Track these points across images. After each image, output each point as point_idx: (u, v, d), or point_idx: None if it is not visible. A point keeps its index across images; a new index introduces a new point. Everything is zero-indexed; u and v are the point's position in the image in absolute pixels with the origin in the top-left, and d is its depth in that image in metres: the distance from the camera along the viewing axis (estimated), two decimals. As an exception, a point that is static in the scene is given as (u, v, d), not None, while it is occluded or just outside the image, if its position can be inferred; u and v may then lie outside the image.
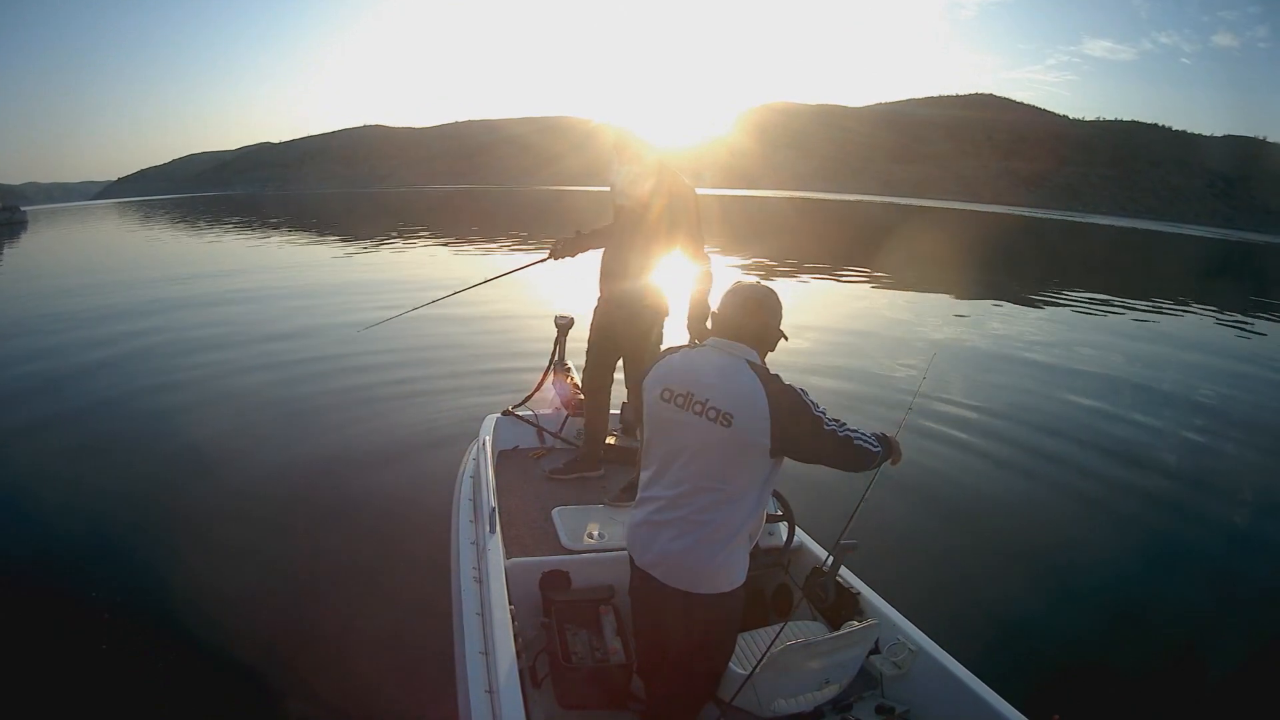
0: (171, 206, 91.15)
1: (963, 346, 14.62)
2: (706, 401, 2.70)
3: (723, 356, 2.79)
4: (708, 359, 2.81)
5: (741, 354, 2.78)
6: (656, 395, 2.84)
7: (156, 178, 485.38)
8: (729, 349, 2.80)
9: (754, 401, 2.64)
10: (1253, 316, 22.46)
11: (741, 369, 2.73)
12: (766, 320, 2.86)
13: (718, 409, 2.67)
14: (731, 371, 2.73)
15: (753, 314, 2.85)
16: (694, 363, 2.83)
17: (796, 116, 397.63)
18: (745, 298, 2.88)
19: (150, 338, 13.16)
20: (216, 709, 4.14)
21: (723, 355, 2.79)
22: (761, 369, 2.77)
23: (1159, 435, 9.63)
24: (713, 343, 2.87)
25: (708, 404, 2.70)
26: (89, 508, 6.47)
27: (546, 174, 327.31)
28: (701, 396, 2.72)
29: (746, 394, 2.66)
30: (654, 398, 2.85)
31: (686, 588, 2.75)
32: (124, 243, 40.36)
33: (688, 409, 2.74)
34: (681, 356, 2.90)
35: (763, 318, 2.85)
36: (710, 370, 2.76)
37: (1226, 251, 77.46)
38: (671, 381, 2.81)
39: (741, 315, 2.85)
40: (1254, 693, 4.62)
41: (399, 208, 79.11)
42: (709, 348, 2.87)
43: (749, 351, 2.79)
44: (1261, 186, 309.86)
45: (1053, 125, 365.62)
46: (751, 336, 2.83)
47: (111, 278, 22.70)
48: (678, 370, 2.83)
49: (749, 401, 2.65)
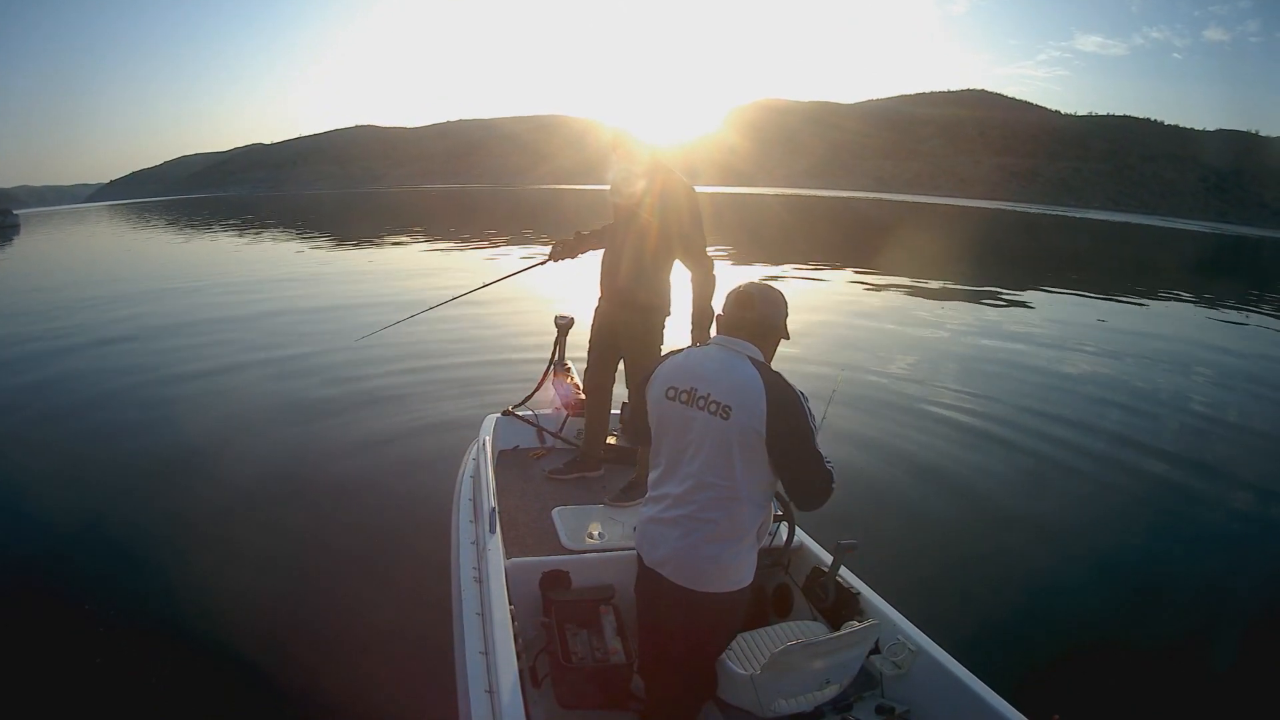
0: (165, 209, 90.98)
1: (960, 345, 14.66)
2: (708, 396, 2.72)
3: (724, 352, 2.81)
4: (709, 355, 2.84)
5: (742, 350, 2.80)
6: (661, 394, 2.86)
7: (149, 179, 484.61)
8: (730, 345, 2.82)
9: (751, 391, 2.66)
10: (1247, 309, 22.54)
11: (742, 363, 2.75)
12: (765, 314, 2.87)
13: (718, 402, 2.70)
14: (732, 366, 2.75)
15: (749, 308, 2.86)
16: (696, 360, 2.86)
17: (789, 113, 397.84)
18: (742, 293, 2.90)
19: (148, 339, 13.21)
20: (217, 709, 4.14)
21: (724, 351, 2.82)
22: (763, 365, 2.78)
23: (1158, 435, 9.60)
24: (715, 340, 2.91)
25: (709, 398, 2.72)
26: (89, 508, 6.47)
27: (540, 172, 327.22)
28: (703, 391, 2.74)
29: (744, 385, 2.68)
30: (658, 396, 2.87)
31: (694, 586, 2.77)
32: (119, 247, 40.12)
33: (691, 405, 2.76)
34: (684, 355, 2.94)
35: (761, 311, 2.86)
36: (712, 366, 2.79)
37: (1220, 245, 77.55)
38: (675, 380, 2.83)
39: (739, 310, 2.87)
40: (1254, 692, 4.61)
41: (394, 208, 79.00)
42: (712, 345, 2.90)
43: (750, 347, 2.81)
44: (1255, 181, 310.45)
45: (1045, 120, 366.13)
46: (751, 332, 2.84)
47: (108, 278, 22.67)
48: (681, 368, 2.86)
49: (746, 391, 2.67)
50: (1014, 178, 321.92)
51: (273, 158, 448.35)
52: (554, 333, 5.99)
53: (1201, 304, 22.84)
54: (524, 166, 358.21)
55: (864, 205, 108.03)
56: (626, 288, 4.76)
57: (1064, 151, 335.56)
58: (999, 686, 2.92)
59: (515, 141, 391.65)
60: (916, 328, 16.37)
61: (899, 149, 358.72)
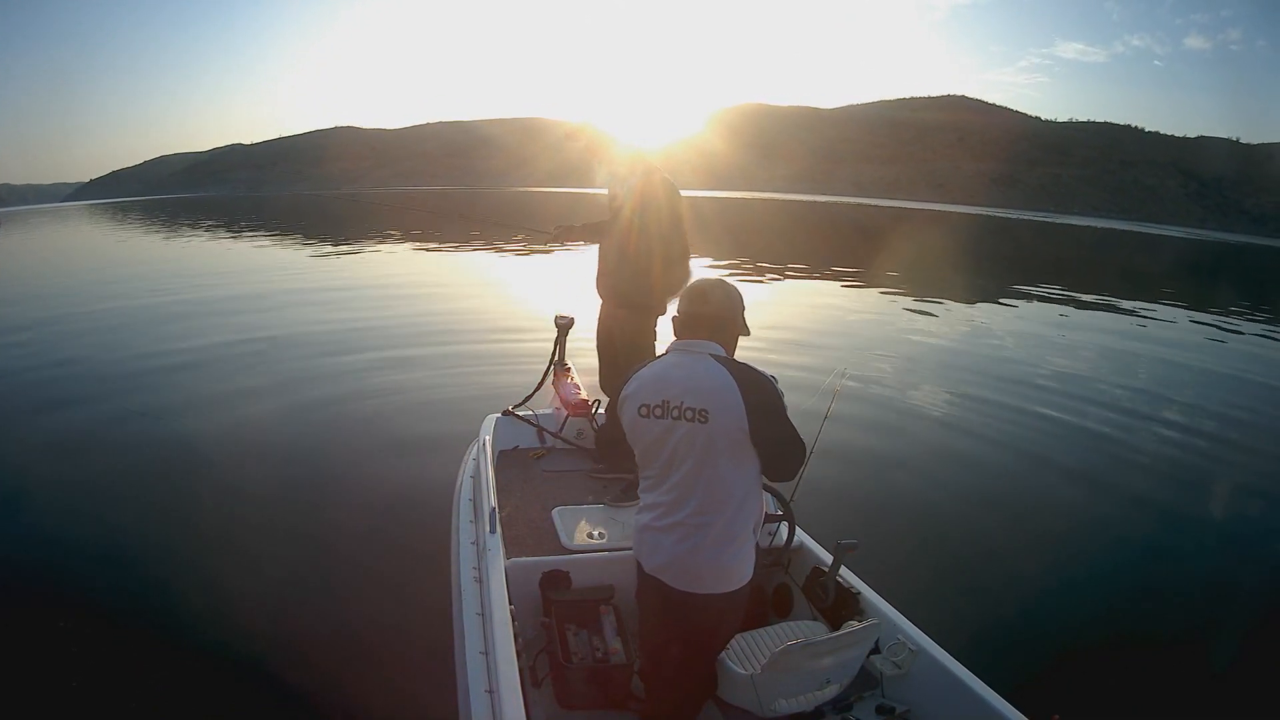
0: (145, 209, 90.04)
1: (960, 346, 14.75)
2: (681, 404, 2.72)
3: (685, 357, 2.82)
4: (673, 364, 2.84)
5: (703, 349, 2.81)
6: (634, 414, 2.85)
7: (129, 179, 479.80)
8: (689, 348, 2.84)
9: (723, 390, 2.67)
10: (1237, 315, 22.68)
11: (706, 364, 2.75)
12: (721, 308, 2.88)
13: (693, 408, 2.70)
14: (697, 369, 2.75)
15: (705, 303, 2.88)
16: (660, 372, 2.85)
17: (768, 118, 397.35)
18: (693, 291, 2.93)
19: (147, 339, 13.14)
20: (217, 709, 4.13)
21: (685, 355, 2.83)
22: (728, 360, 2.79)
23: (1158, 435, 9.69)
24: (675, 346, 2.90)
25: (683, 406, 2.72)
26: (89, 507, 6.50)
27: (520, 175, 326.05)
28: (675, 401, 2.74)
29: (716, 386, 2.69)
30: (632, 417, 2.86)
31: (696, 589, 2.78)
32: (104, 246, 39.67)
33: (666, 417, 2.76)
34: (648, 369, 2.91)
35: (717, 306, 2.88)
36: (678, 374, 2.78)
37: (1201, 251, 78.01)
38: (645, 397, 2.82)
39: (695, 306, 2.89)
40: (1254, 691, 4.65)
41: (377, 209, 78.55)
42: (671, 353, 2.90)
43: (711, 345, 2.82)
44: (1236, 188, 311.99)
45: (1025, 126, 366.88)
46: (710, 328, 2.85)
47: (107, 279, 22.42)
48: (648, 383, 2.84)
49: (720, 393, 2.68)
50: (994, 183, 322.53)
51: (253, 158, 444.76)
52: (554, 333, 6.00)
53: (1193, 309, 22.91)
54: (504, 169, 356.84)
55: (844, 210, 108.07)
56: (617, 286, 4.83)
57: (1044, 157, 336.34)
58: (999, 686, 2.94)
59: (496, 144, 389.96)
60: (915, 329, 16.46)
61: (879, 154, 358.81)
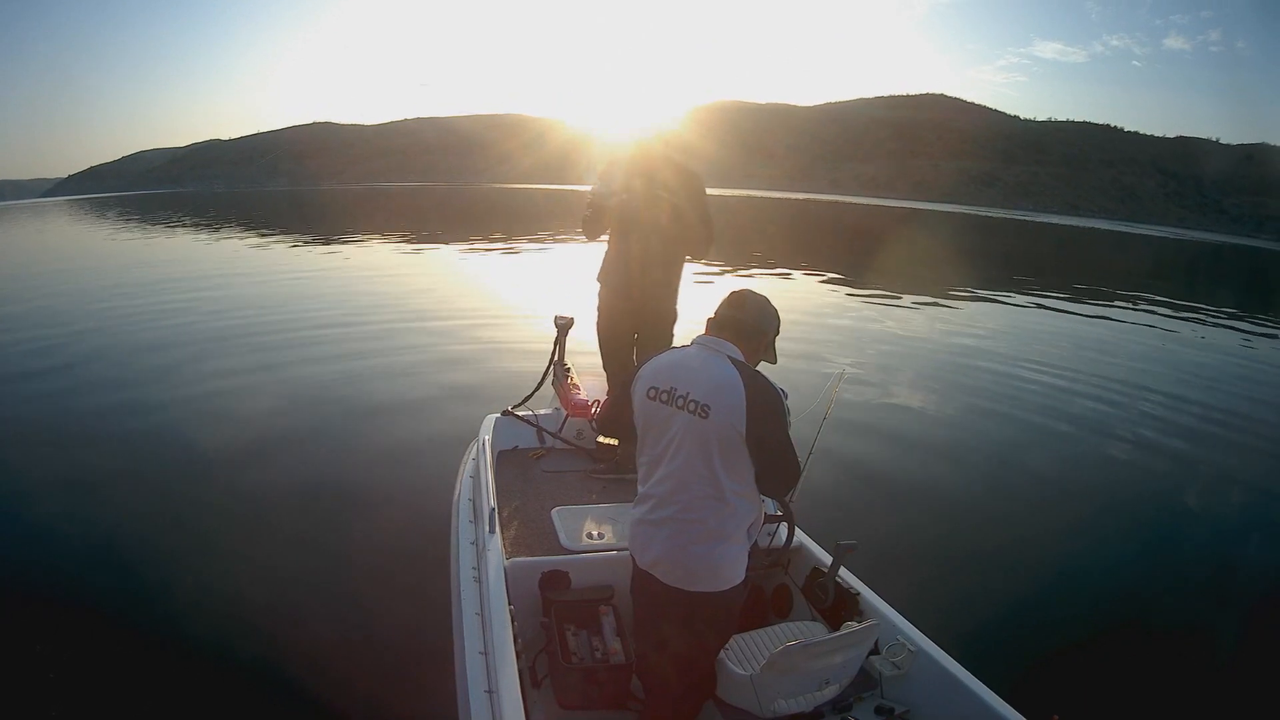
0: (125, 204, 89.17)
1: (959, 346, 14.77)
2: (687, 395, 2.75)
3: (704, 352, 2.85)
4: (690, 355, 2.88)
5: (723, 349, 2.83)
6: (644, 394, 2.88)
7: (107, 174, 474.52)
8: (710, 345, 2.86)
9: (730, 390, 2.69)
10: (1228, 314, 22.98)
11: (721, 362, 2.78)
12: (754, 318, 2.92)
13: (697, 401, 2.73)
14: (711, 365, 2.78)
15: (740, 308, 2.91)
16: (678, 360, 2.88)
17: (746, 115, 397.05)
18: (737, 294, 2.96)
19: (147, 338, 13.01)
20: (217, 709, 4.13)
21: (704, 351, 2.85)
22: (742, 364, 2.81)
23: (1157, 436, 9.73)
24: (698, 340, 2.93)
25: (688, 397, 2.75)
26: (89, 509, 6.47)
27: (498, 171, 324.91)
28: (682, 390, 2.77)
29: (723, 384, 2.71)
30: (641, 397, 2.89)
31: (687, 586, 2.79)
32: (91, 241, 39.24)
33: (671, 404, 2.78)
34: (667, 355, 2.96)
35: (751, 314, 2.91)
36: (692, 365, 2.82)
37: (1180, 250, 78.55)
38: (657, 380, 2.86)
39: (730, 309, 2.93)
40: (1254, 690, 4.70)
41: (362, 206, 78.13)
42: (694, 345, 2.93)
43: (730, 347, 2.84)
44: (1215, 187, 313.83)
45: (1003, 125, 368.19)
46: (736, 332, 2.88)
47: (103, 279, 22.22)
48: (663, 369, 2.88)
49: (725, 391, 2.70)
50: (972, 181, 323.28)
51: (230, 154, 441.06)
52: (554, 333, 6.00)
53: (1188, 310, 23.05)
54: (481, 166, 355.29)
55: (823, 208, 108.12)
56: (646, 283, 4.97)
57: (1022, 156, 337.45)
58: (998, 686, 2.96)
59: (474, 140, 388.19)
60: (914, 330, 16.59)
61: (857, 151, 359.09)
